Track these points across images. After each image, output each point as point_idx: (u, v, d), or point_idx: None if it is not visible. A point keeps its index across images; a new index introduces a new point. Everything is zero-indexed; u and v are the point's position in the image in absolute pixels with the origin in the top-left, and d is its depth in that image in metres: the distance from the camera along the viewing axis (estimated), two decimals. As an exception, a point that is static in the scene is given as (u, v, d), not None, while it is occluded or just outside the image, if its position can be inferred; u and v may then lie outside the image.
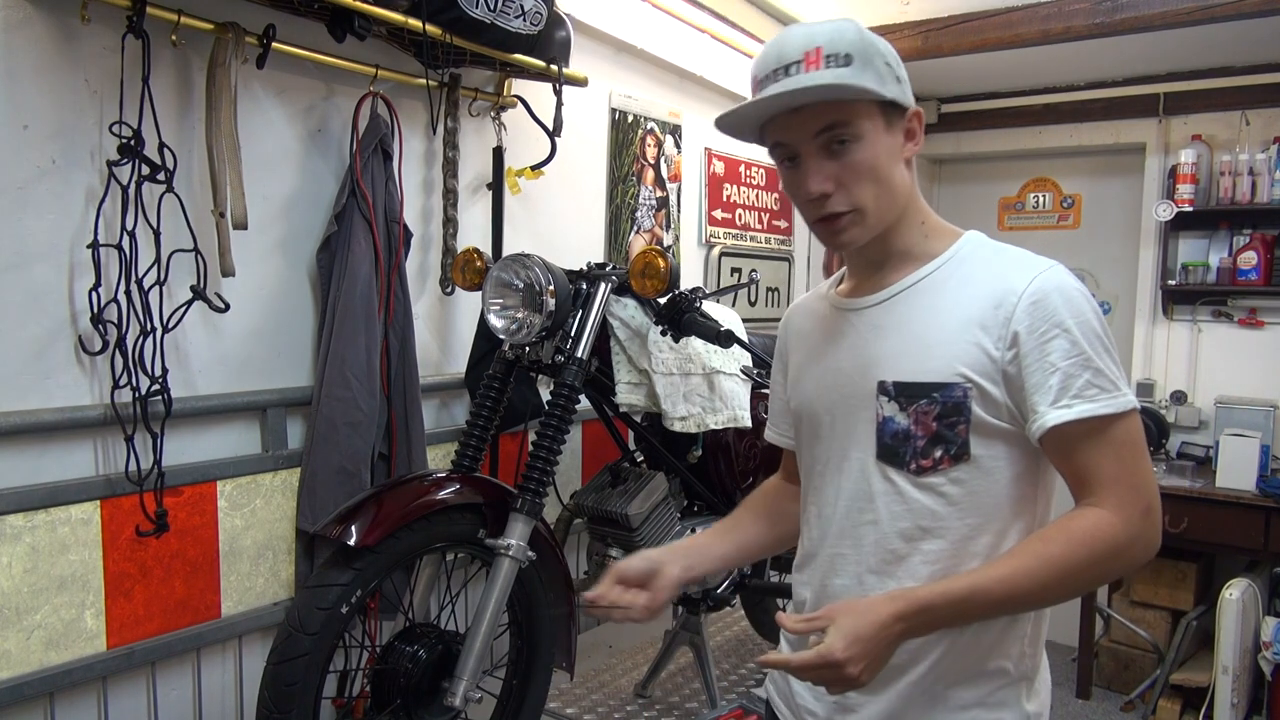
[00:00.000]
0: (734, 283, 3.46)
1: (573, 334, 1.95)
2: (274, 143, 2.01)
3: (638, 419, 2.30)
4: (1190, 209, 3.59)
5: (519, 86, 2.52)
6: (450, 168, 2.35)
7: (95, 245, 1.67)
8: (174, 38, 1.72)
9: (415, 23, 1.97)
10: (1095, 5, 3.13)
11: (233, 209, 1.80)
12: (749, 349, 2.24)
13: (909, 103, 1.08)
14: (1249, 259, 3.52)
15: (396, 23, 1.97)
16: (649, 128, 3.10)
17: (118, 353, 1.71)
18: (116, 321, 1.70)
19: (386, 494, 1.73)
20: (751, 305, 3.69)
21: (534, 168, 2.53)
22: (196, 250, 1.79)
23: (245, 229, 1.83)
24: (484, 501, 1.83)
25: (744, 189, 3.66)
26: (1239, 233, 3.60)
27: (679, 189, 3.28)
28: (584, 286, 2.01)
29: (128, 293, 1.71)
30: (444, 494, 1.79)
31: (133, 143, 1.67)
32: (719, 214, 3.52)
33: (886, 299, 1.12)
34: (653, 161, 3.14)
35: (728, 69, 3.39)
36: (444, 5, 2.00)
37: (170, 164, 1.72)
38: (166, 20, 1.70)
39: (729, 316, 2.28)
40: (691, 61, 3.21)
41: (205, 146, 1.80)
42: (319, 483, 2.02)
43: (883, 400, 1.08)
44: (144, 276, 1.73)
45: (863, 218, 1.06)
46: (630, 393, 2.09)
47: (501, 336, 1.96)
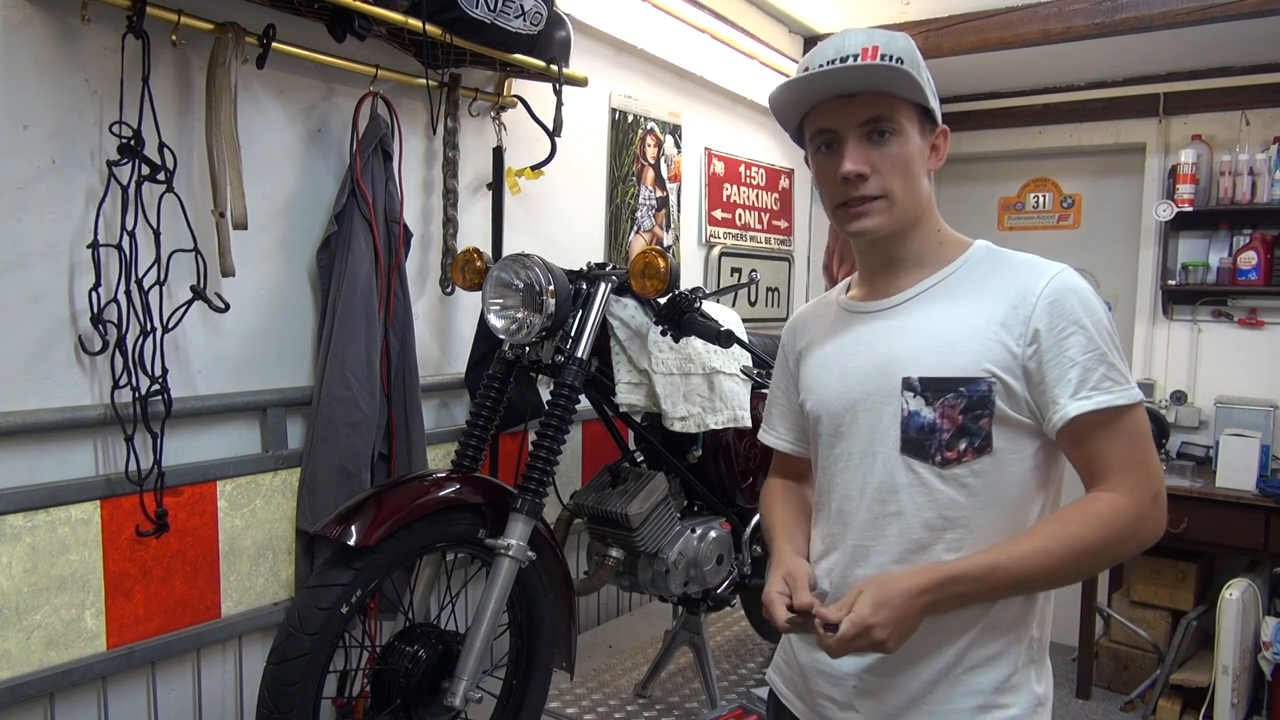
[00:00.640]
0: (734, 283, 3.46)
1: (573, 334, 1.95)
2: (274, 143, 2.01)
3: (638, 419, 2.30)
4: (1190, 209, 3.59)
5: (519, 86, 2.52)
6: (450, 168, 2.35)
7: (95, 245, 1.67)
8: (174, 38, 1.72)
9: (415, 23, 1.97)
10: (1095, 5, 3.13)
11: (233, 209, 1.80)
12: (749, 349, 2.24)
13: (939, 119, 1.19)
14: (1249, 259, 3.52)
15: (396, 23, 1.97)
16: (649, 128, 3.10)
17: (118, 353, 1.71)
18: (116, 321, 1.70)
19: (386, 494, 1.72)
20: (751, 305, 3.69)
21: (534, 168, 2.53)
22: (196, 250, 1.79)
23: (245, 229, 1.83)
24: (484, 501, 1.83)
25: (744, 189, 3.66)
26: (1239, 233, 3.60)
27: (679, 189, 3.28)
28: (584, 286, 2.01)
29: (128, 293, 1.71)
30: (444, 494, 1.78)
31: (133, 143, 1.67)
32: (719, 214, 3.52)
33: (904, 301, 1.19)
34: (653, 161, 3.14)
35: (728, 69, 3.39)
36: (444, 5, 2.00)
37: (170, 164, 1.72)
38: (166, 20, 1.70)
39: (729, 316, 2.28)
40: (691, 61, 3.21)
41: (205, 146, 1.80)
42: (319, 483, 2.02)
43: (908, 396, 1.13)
44: (144, 276, 1.73)
45: (890, 206, 1.14)
46: (630, 393, 2.08)
47: (501, 336, 1.96)
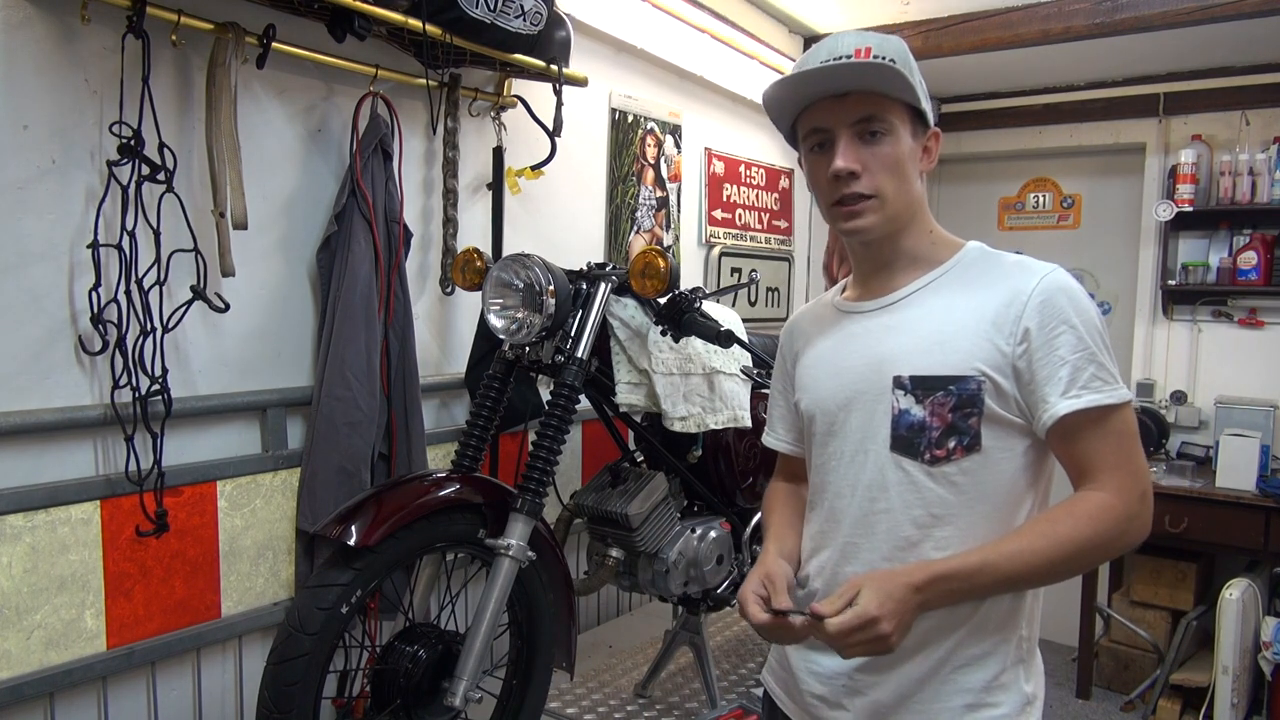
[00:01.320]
0: (734, 283, 3.46)
1: (573, 334, 1.95)
2: (274, 143, 2.01)
3: (638, 419, 2.30)
4: (1190, 209, 3.59)
5: (519, 86, 2.52)
6: (450, 168, 2.35)
7: (95, 245, 1.67)
8: (174, 38, 1.72)
9: (415, 23, 1.97)
10: (1095, 5, 3.13)
11: (233, 209, 1.80)
12: (749, 349, 2.24)
13: (931, 121, 1.19)
14: (1249, 259, 3.52)
15: (396, 23, 1.97)
16: (649, 128, 3.10)
17: (118, 353, 1.71)
18: (116, 321, 1.70)
19: (386, 494, 1.72)
20: (751, 305, 3.69)
21: (534, 168, 2.53)
22: (196, 250, 1.79)
23: (245, 229, 1.83)
24: (484, 501, 1.83)
25: (744, 189, 3.66)
26: (1239, 233, 3.60)
27: (679, 189, 3.28)
28: (584, 286, 2.01)
29: (128, 293, 1.71)
30: (444, 494, 1.78)
31: (133, 143, 1.67)
32: (719, 214, 3.52)
33: (897, 301, 1.19)
34: (653, 161, 3.14)
35: (728, 69, 3.39)
36: (444, 5, 2.00)
37: (170, 164, 1.72)
38: (166, 20, 1.70)
39: (729, 316, 2.28)
40: (691, 61, 3.20)
41: (205, 146, 1.80)
42: (319, 483, 2.02)
43: (898, 394, 1.14)
44: (144, 276, 1.73)
45: (882, 205, 1.15)
46: (630, 393, 2.08)
47: (501, 336, 1.96)
